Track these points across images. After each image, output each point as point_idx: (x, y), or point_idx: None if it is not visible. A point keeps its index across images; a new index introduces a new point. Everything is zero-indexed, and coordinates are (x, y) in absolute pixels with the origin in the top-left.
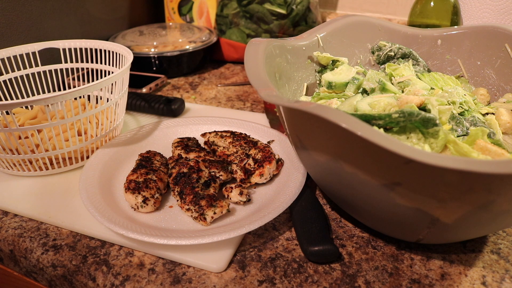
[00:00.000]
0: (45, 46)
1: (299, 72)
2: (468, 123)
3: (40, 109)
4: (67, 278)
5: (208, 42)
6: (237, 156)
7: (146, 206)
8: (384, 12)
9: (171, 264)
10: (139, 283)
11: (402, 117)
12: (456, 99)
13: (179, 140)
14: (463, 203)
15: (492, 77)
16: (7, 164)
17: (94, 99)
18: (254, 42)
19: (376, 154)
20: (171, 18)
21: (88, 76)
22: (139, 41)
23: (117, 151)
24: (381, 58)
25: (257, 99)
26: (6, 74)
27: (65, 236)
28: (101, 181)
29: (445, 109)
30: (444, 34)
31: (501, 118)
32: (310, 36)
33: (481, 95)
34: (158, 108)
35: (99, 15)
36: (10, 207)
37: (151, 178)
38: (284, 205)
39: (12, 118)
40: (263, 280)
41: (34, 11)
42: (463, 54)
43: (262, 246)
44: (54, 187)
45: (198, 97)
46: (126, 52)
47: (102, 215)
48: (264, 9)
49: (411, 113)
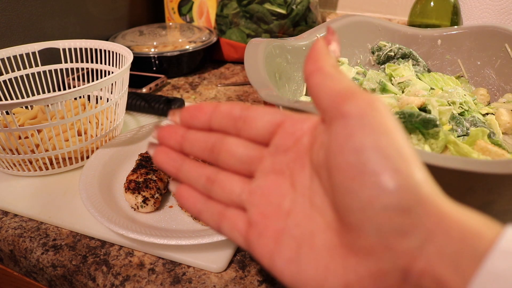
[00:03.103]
0: (45, 46)
1: (299, 72)
2: (468, 123)
3: (40, 109)
4: (67, 278)
5: (208, 42)
6: None
7: (146, 206)
8: (384, 12)
9: (171, 264)
10: (139, 283)
11: (403, 118)
12: (456, 99)
13: None
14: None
15: (492, 77)
16: (7, 164)
17: (94, 99)
18: (254, 42)
19: None
20: (171, 18)
21: (88, 76)
22: (139, 41)
23: (117, 151)
24: (381, 58)
25: (257, 99)
26: (6, 74)
27: (65, 236)
28: (101, 181)
29: (446, 109)
30: (444, 34)
31: (501, 118)
32: (310, 36)
33: (481, 95)
34: (158, 108)
35: (99, 15)
36: (10, 207)
37: (151, 178)
38: None
39: (12, 118)
40: (263, 280)
41: (34, 11)
42: (463, 54)
43: None
44: (54, 187)
45: (198, 97)
46: (126, 52)
47: (102, 215)
48: (264, 9)
49: (412, 114)
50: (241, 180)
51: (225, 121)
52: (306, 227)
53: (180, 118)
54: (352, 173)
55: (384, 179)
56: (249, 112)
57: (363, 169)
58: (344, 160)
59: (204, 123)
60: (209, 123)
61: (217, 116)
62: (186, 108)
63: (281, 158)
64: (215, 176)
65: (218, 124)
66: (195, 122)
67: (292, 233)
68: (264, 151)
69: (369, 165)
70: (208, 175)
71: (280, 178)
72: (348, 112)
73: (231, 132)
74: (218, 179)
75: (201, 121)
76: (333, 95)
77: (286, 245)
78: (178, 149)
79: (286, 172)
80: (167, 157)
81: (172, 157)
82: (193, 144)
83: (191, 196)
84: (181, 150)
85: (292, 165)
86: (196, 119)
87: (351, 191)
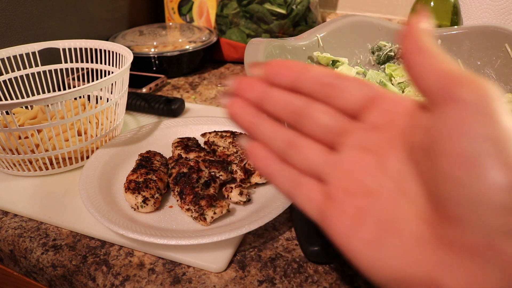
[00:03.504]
0: (45, 46)
1: None
2: None
3: (40, 109)
4: (67, 278)
5: (208, 42)
6: (237, 156)
7: (146, 206)
8: (384, 12)
9: (171, 264)
10: (139, 283)
11: None
12: None
13: (179, 140)
14: None
15: (492, 77)
16: (7, 164)
17: (94, 99)
18: (254, 42)
19: None
20: (171, 18)
21: (88, 76)
22: (139, 41)
23: (117, 151)
24: (381, 58)
25: None
26: (6, 74)
27: (65, 236)
28: (101, 181)
29: None
30: (444, 34)
31: None
32: (310, 36)
33: None
34: (158, 108)
35: (99, 15)
36: (10, 207)
37: (151, 178)
38: (284, 205)
39: (12, 118)
40: (263, 280)
41: (34, 11)
42: (463, 54)
43: (262, 246)
44: (54, 187)
45: (198, 97)
46: (126, 52)
47: (102, 215)
48: (264, 9)
49: None
50: (322, 150)
51: (314, 85)
52: (392, 212)
53: (263, 72)
54: (461, 162)
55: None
56: (341, 81)
57: (474, 160)
58: (453, 147)
59: (290, 83)
60: (295, 84)
61: (305, 78)
62: (272, 63)
63: (371, 135)
64: (295, 140)
65: (305, 86)
66: (280, 79)
67: (376, 215)
68: (352, 124)
69: (481, 156)
70: (287, 138)
71: (367, 156)
72: (461, 97)
73: (319, 98)
74: (298, 143)
75: (287, 80)
76: (441, 76)
77: (368, 226)
78: (257, 104)
79: (375, 150)
80: (244, 110)
81: (249, 111)
82: (276, 102)
83: (266, 156)
84: (260, 106)
85: (383, 145)
86: (282, 76)
87: (458, 181)
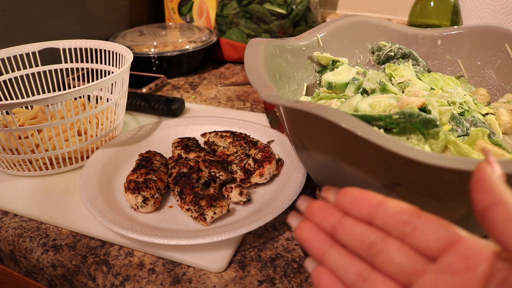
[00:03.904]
0: (45, 46)
1: (299, 72)
2: (468, 123)
3: (40, 109)
4: (67, 278)
5: (208, 42)
6: (237, 156)
7: (146, 206)
8: (384, 12)
9: (171, 264)
10: (139, 283)
11: (403, 118)
12: (456, 99)
13: (179, 140)
14: (463, 203)
15: (492, 77)
16: (7, 164)
17: (94, 99)
18: (254, 42)
19: (376, 154)
20: (171, 18)
21: (88, 76)
22: (139, 41)
23: (117, 151)
24: (381, 58)
25: (257, 99)
26: (6, 74)
27: (65, 236)
28: (101, 181)
29: (446, 110)
30: (444, 34)
31: (501, 118)
32: (310, 36)
33: (481, 95)
34: (158, 108)
35: (99, 15)
36: (10, 207)
37: (151, 178)
38: (284, 205)
39: (12, 118)
40: (263, 280)
41: (34, 11)
42: (463, 54)
43: (262, 246)
44: (54, 187)
45: (198, 97)
46: (126, 52)
47: (102, 215)
48: (264, 9)
49: (412, 114)
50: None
51: (391, 222)
52: None
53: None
54: None
55: None
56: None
57: None
58: None
59: (366, 215)
60: (371, 217)
61: (383, 213)
62: (348, 191)
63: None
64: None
65: (382, 222)
66: (356, 211)
67: None
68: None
69: None
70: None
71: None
72: None
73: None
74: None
75: (362, 212)
76: None
77: None
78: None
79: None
80: (315, 236)
81: (321, 237)
82: (349, 233)
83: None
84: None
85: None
86: (358, 208)
87: None
